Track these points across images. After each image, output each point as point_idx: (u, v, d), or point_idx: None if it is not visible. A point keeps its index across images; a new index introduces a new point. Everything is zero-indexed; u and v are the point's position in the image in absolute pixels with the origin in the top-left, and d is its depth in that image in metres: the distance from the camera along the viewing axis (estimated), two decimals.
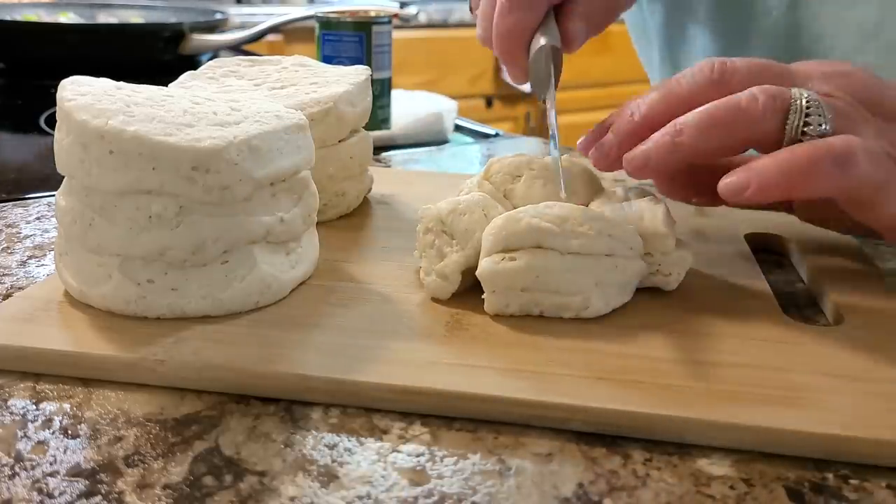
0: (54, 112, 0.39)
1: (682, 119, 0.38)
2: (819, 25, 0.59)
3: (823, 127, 0.37)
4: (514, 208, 0.42)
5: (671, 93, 0.40)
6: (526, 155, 0.46)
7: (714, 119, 0.37)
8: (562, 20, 0.48)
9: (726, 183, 0.36)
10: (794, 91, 0.38)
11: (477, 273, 0.38)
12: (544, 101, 0.47)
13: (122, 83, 0.41)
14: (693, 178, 0.43)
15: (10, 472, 0.28)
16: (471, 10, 0.55)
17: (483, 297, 0.38)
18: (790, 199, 0.38)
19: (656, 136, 0.38)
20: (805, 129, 0.37)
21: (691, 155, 0.38)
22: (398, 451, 0.30)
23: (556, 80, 0.47)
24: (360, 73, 0.53)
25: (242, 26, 1.22)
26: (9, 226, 0.52)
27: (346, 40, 0.75)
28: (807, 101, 0.37)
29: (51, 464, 0.29)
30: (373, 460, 0.30)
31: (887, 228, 0.39)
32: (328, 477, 0.29)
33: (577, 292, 0.38)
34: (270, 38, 1.73)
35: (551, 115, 0.45)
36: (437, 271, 0.40)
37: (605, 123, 0.43)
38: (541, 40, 0.47)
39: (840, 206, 0.38)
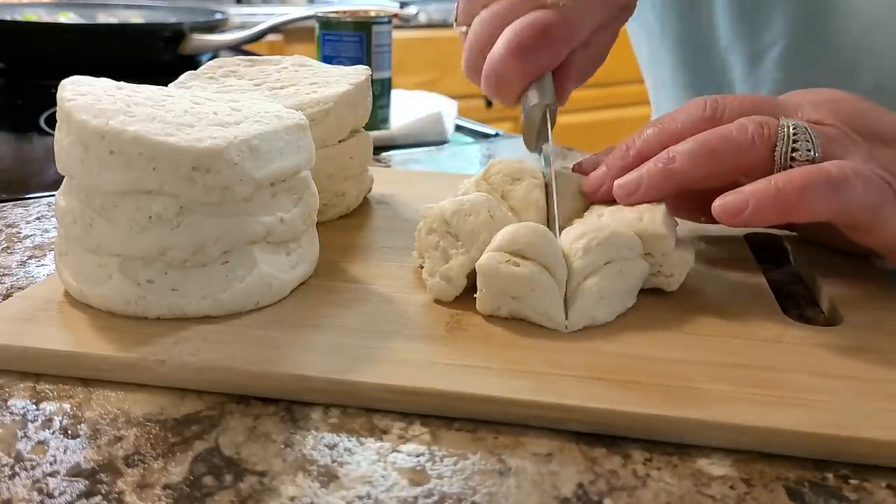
0: (54, 112, 0.39)
1: (674, 147, 0.40)
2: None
3: (812, 153, 0.38)
4: (511, 209, 0.42)
5: (665, 129, 0.42)
6: (529, 164, 0.45)
7: (705, 147, 0.39)
8: (557, 77, 0.49)
9: (722, 204, 0.37)
10: (782, 120, 0.39)
11: (476, 264, 0.38)
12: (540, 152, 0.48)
13: (122, 83, 0.41)
14: (700, 201, 0.43)
15: (10, 472, 0.28)
16: (455, 22, 0.53)
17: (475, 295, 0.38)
18: (786, 223, 0.38)
19: (649, 163, 0.40)
20: (793, 154, 0.38)
21: (683, 182, 0.40)
22: (398, 451, 0.30)
23: (549, 133, 0.48)
24: (360, 73, 0.53)
25: (242, 26, 1.22)
26: (9, 226, 0.52)
27: (346, 40, 0.75)
28: (794, 129, 0.38)
29: (51, 464, 0.29)
30: (373, 460, 0.30)
31: (885, 249, 0.40)
32: (328, 477, 0.29)
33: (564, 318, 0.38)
34: (270, 38, 1.72)
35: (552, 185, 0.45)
36: (442, 273, 0.39)
37: (598, 158, 0.44)
38: (535, 97, 0.47)
39: (838, 228, 0.39)
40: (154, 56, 1.08)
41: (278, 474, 0.29)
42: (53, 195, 0.41)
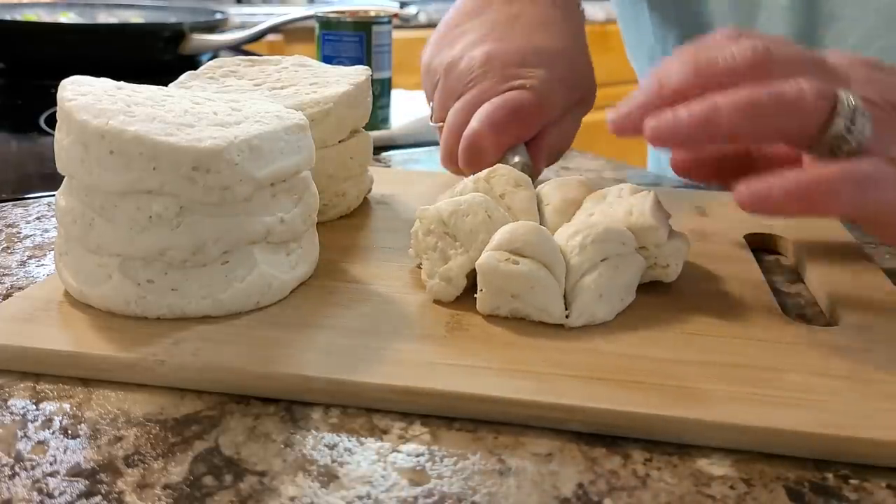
0: (54, 112, 0.39)
1: (722, 99, 0.35)
2: (836, 5, 0.59)
3: (862, 136, 0.36)
4: (508, 209, 0.42)
5: (704, 69, 0.37)
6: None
7: (757, 106, 0.35)
8: (531, 154, 0.51)
9: (744, 190, 0.34)
10: (842, 93, 0.36)
11: (476, 264, 0.38)
12: None
13: (122, 83, 0.41)
14: (719, 162, 0.42)
15: (10, 472, 0.28)
16: (431, 120, 0.56)
17: (475, 295, 0.38)
18: (807, 216, 0.37)
19: (690, 107, 0.36)
20: (848, 135, 0.35)
21: (724, 137, 0.36)
22: (398, 451, 0.30)
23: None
24: (360, 73, 0.53)
25: (242, 26, 1.22)
26: (9, 226, 0.52)
27: (346, 40, 0.75)
28: (853, 107, 0.36)
29: (51, 464, 0.29)
30: (373, 460, 0.30)
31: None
32: (328, 477, 0.29)
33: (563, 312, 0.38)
34: (270, 38, 1.72)
35: None
36: (441, 274, 0.39)
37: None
38: (513, 158, 0.49)
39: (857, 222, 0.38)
40: (154, 56, 1.08)
41: (278, 474, 0.29)
42: (53, 195, 0.41)
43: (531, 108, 0.49)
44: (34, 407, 0.32)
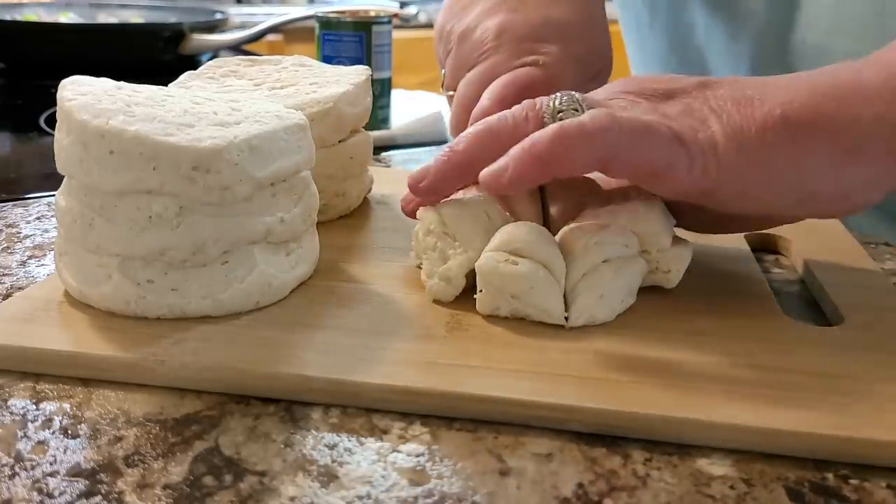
0: (54, 112, 0.39)
1: (459, 135, 0.40)
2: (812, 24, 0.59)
3: (578, 114, 0.37)
4: (506, 208, 0.42)
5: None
6: None
7: (483, 127, 0.39)
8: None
9: (485, 173, 0.37)
10: (552, 96, 0.39)
11: (476, 264, 0.38)
12: None
13: (122, 83, 0.41)
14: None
15: (10, 472, 0.28)
16: (442, 87, 0.56)
17: (475, 296, 0.38)
18: (552, 177, 0.38)
19: (437, 155, 0.40)
20: (560, 117, 0.38)
21: (464, 163, 0.39)
22: (398, 451, 0.30)
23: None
24: (360, 73, 0.53)
25: (242, 26, 1.22)
26: (9, 226, 0.52)
27: (346, 40, 0.75)
28: (561, 98, 0.38)
29: (51, 464, 0.29)
30: (373, 460, 0.30)
31: (686, 195, 0.38)
32: (328, 477, 0.29)
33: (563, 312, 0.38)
34: (270, 38, 1.72)
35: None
36: (441, 274, 0.39)
37: None
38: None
39: (638, 184, 0.39)
40: (154, 56, 1.08)
41: (278, 474, 0.29)
42: (53, 195, 0.41)
43: (542, 86, 0.49)
44: (34, 407, 0.32)
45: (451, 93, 0.54)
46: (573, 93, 0.39)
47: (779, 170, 0.36)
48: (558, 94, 0.39)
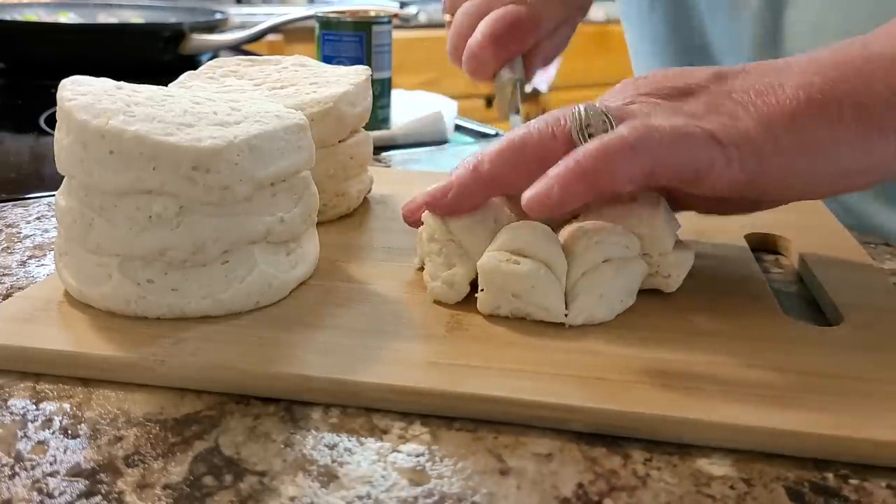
0: (54, 112, 0.39)
1: (481, 151, 0.40)
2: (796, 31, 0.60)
3: (607, 125, 0.37)
4: (513, 209, 0.42)
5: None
6: None
7: (508, 145, 0.39)
8: (526, 60, 0.59)
9: (529, 197, 0.36)
10: (575, 107, 0.38)
11: (477, 264, 0.38)
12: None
13: (122, 83, 0.41)
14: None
15: (10, 472, 0.28)
16: (443, 9, 0.62)
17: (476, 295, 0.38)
18: (599, 195, 0.38)
19: (459, 169, 0.40)
20: (589, 132, 0.37)
21: (492, 183, 0.39)
22: (398, 451, 0.30)
23: (519, 103, 0.58)
24: (360, 73, 0.53)
25: (242, 26, 1.22)
26: (9, 226, 0.52)
27: (346, 40, 0.75)
28: (585, 110, 0.38)
29: (51, 464, 0.29)
30: (373, 460, 0.30)
31: (724, 192, 0.38)
32: (328, 477, 0.29)
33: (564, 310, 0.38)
34: (270, 38, 1.72)
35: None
36: (445, 279, 0.39)
37: None
38: (508, 73, 0.58)
39: (674, 187, 0.38)
40: (154, 56, 1.08)
41: (278, 474, 0.29)
42: (53, 195, 0.41)
43: (528, 23, 0.56)
44: (34, 407, 0.32)
45: (448, 17, 0.61)
46: (595, 104, 0.38)
47: (813, 153, 0.36)
48: (580, 107, 0.38)
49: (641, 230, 0.40)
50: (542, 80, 2.11)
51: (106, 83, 0.40)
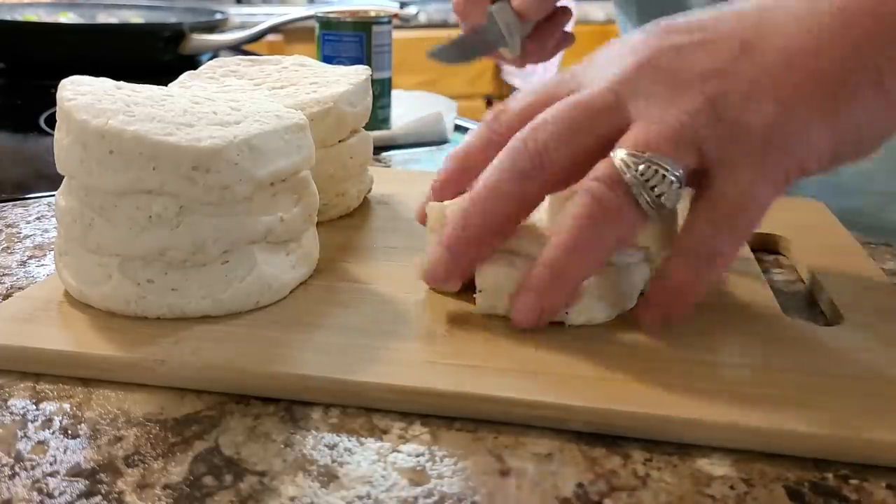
0: (54, 112, 0.39)
1: (532, 275, 0.36)
2: None
3: (673, 183, 0.33)
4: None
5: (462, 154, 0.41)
6: None
7: (583, 245, 0.35)
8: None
9: (652, 323, 0.36)
10: (616, 163, 0.33)
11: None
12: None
13: (122, 83, 0.41)
14: None
15: (10, 472, 0.28)
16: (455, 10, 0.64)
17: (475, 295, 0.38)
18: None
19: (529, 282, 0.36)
20: (660, 199, 0.33)
21: (575, 283, 0.36)
22: (398, 451, 0.30)
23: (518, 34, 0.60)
24: (360, 73, 0.53)
25: (242, 26, 1.22)
26: (9, 226, 0.52)
27: (346, 40, 0.75)
28: (637, 167, 0.33)
29: (51, 464, 0.29)
30: (373, 460, 0.30)
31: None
32: (328, 477, 0.29)
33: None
34: (270, 38, 1.73)
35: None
36: None
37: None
38: (501, 17, 0.60)
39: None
40: (154, 56, 1.08)
41: (278, 474, 0.29)
42: (53, 195, 0.41)
43: None
44: (34, 407, 0.32)
45: (456, 18, 0.64)
46: (643, 154, 0.33)
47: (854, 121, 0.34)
48: (627, 156, 0.33)
49: (645, 233, 0.39)
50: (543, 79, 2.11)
51: (106, 83, 0.40)
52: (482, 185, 0.36)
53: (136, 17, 1.27)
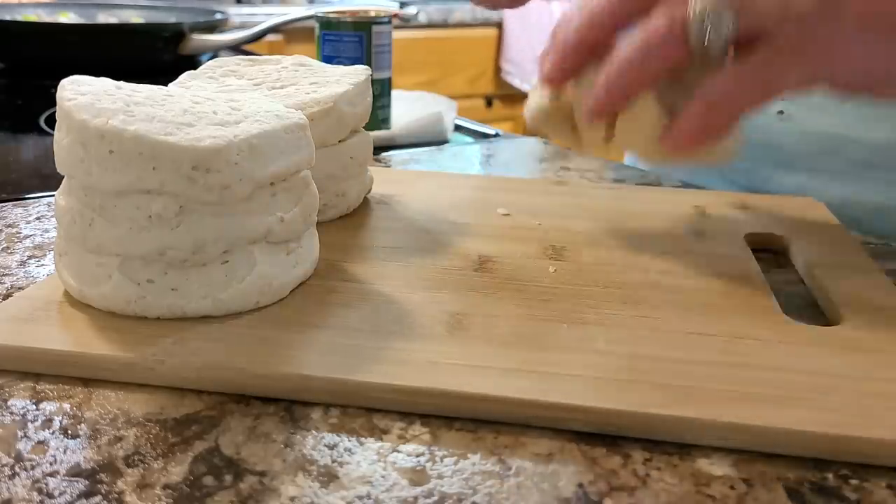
0: (54, 112, 0.39)
1: (607, 72, 0.40)
2: None
3: (728, 27, 0.37)
4: None
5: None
6: None
7: (632, 64, 0.39)
8: None
9: (672, 136, 0.39)
10: (689, 6, 0.37)
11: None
12: None
13: (121, 83, 0.41)
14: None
15: (10, 472, 0.28)
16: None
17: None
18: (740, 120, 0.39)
19: (585, 98, 0.41)
20: (710, 40, 0.37)
21: (626, 98, 0.40)
22: (398, 451, 0.30)
23: None
24: (360, 73, 0.53)
25: (242, 26, 1.22)
26: (9, 226, 0.52)
27: (346, 40, 0.75)
28: (700, 12, 0.37)
29: (51, 464, 0.29)
30: (373, 460, 0.30)
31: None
32: (328, 477, 0.29)
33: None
34: (270, 38, 1.73)
35: None
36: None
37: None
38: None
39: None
40: (154, 56, 1.08)
41: (278, 474, 0.29)
42: (53, 195, 0.41)
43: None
44: (34, 407, 0.32)
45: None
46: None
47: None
48: (694, 3, 0.37)
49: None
50: None
51: (106, 83, 0.40)
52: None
53: (136, 17, 1.27)
